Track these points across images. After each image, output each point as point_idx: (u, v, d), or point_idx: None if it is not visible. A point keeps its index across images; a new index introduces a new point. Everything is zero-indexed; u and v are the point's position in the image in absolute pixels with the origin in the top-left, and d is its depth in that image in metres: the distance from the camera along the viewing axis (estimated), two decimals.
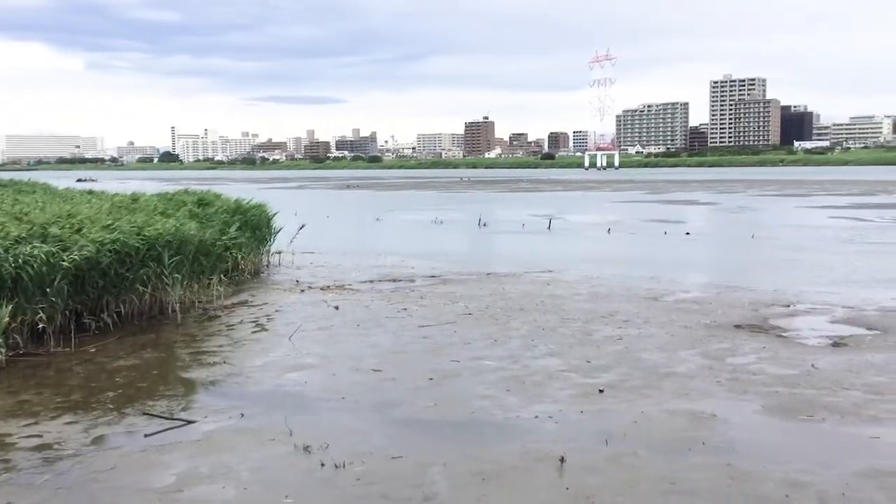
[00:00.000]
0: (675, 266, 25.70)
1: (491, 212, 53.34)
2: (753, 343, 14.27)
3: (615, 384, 11.80)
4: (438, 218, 47.11)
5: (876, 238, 33.08)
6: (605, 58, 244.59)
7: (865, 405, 10.63)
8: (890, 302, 18.04)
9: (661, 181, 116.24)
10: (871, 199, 62.53)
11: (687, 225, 41.36)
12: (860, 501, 7.68)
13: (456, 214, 52.26)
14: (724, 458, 8.84)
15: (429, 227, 42.92)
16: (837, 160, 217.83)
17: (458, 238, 37.17)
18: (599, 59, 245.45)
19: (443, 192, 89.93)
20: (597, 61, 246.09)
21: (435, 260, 27.03)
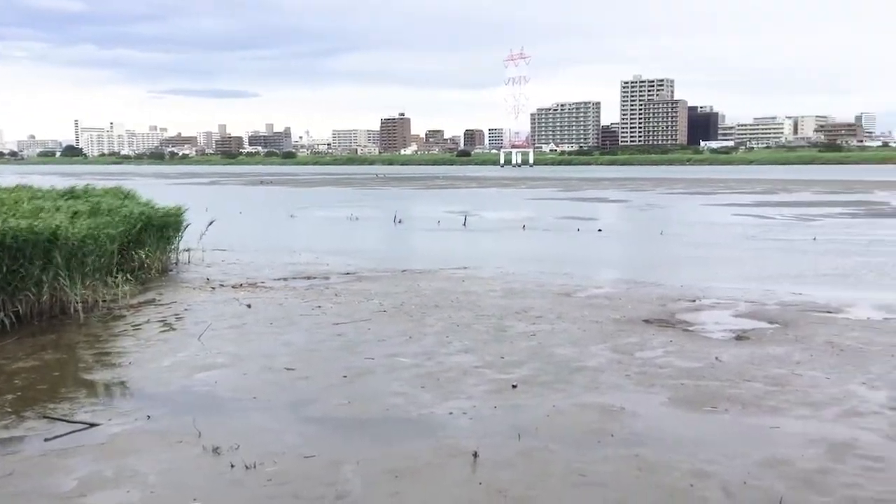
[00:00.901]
0: (588, 262, 26.19)
1: (407, 209, 53.32)
2: (661, 337, 14.64)
3: (528, 379, 11.94)
4: (354, 215, 46.82)
5: (777, 235, 34.43)
6: (520, 56, 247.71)
7: (766, 396, 11.04)
8: (790, 296, 18.78)
9: (575, 179, 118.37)
10: (773, 197, 65.05)
11: (599, 222, 42.22)
12: (761, 489, 7.97)
13: (371, 211, 52.03)
14: (632, 450, 9.04)
15: (344, 223, 42.61)
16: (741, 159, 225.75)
17: (373, 235, 37.02)
18: (514, 58, 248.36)
19: (358, 189, 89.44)
20: (511, 60, 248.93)
21: (350, 257, 26.85)
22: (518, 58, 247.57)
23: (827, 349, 13.59)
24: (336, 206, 57.17)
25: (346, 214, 47.22)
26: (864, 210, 48.46)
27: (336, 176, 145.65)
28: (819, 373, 12.14)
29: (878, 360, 12.81)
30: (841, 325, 15.47)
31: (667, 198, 67.22)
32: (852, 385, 11.49)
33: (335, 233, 37.73)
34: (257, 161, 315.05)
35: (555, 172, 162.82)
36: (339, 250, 29.15)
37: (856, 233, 34.49)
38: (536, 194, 75.25)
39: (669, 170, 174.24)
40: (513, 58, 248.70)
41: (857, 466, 8.52)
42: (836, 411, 10.36)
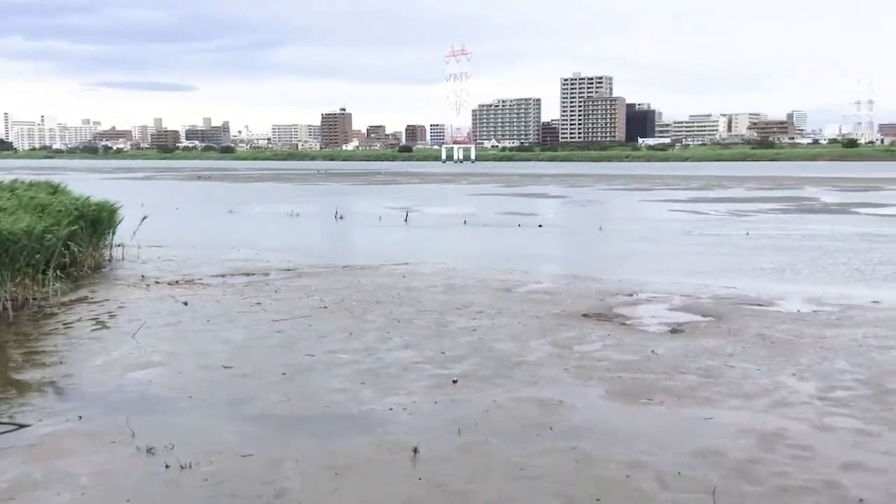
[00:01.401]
0: (528, 257, 26.40)
1: (348, 204, 53.02)
2: (599, 331, 14.85)
3: (468, 374, 11.99)
4: (294, 210, 46.37)
5: (712, 230, 35.19)
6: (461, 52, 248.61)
7: (700, 388, 11.28)
8: (723, 290, 19.22)
9: (516, 175, 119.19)
10: (708, 193, 66.45)
11: (539, 217, 42.58)
12: (694, 479, 8.14)
13: (312, 207, 51.61)
14: (570, 443, 9.15)
15: (284, 219, 42.18)
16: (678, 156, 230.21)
17: (314, 231, 36.73)
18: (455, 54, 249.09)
19: (299, 185, 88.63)
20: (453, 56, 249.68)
21: (290, 253, 26.59)
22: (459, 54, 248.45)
23: (758, 341, 13.94)
24: (276, 202, 56.56)
25: (287, 210, 46.75)
26: (794, 206, 49.84)
27: (276, 171, 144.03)
28: (750, 364, 12.45)
29: (807, 352, 13.19)
30: (772, 318, 15.88)
31: (606, 194, 68.15)
32: (782, 376, 11.81)
33: (275, 229, 37.33)
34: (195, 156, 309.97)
35: (496, 168, 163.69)
36: (279, 246, 28.85)
37: (787, 228, 35.46)
38: (478, 190, 75.55)
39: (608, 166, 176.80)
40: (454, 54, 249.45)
41: (786, 455, 8.77)
42: (767, 402, 10.64)
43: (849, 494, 7.76)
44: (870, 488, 7.88)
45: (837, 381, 11.53)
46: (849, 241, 29.70)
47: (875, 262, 24.32)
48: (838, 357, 12.85)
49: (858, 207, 47.58)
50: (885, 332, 14.54)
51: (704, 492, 7.81)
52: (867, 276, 21.65)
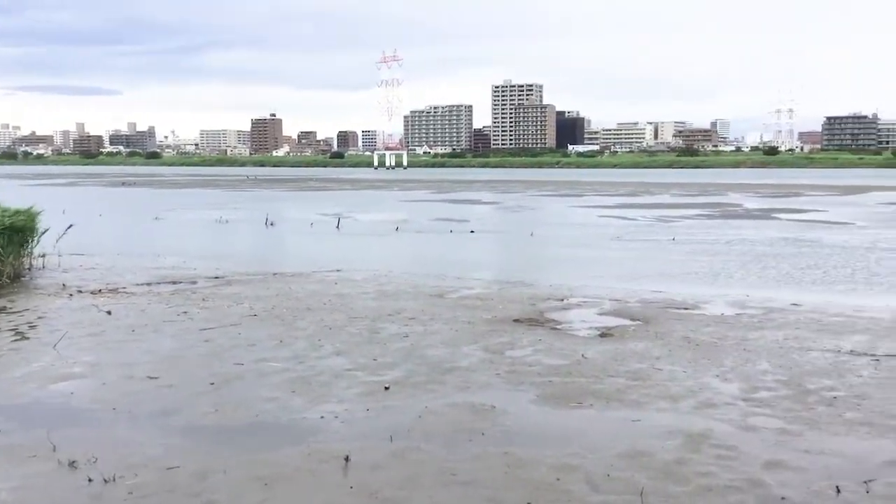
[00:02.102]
0: (460, 263, 26.50)
1: (279, 211, 52.40)
2: (530, 336, 14.97)
3: (401, 381, 11.95)
4: (223, 217, 45.61)
5: (640, 236, 35.89)
6: (393, 59, 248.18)
7: (628, 391, 11.46)
8: (651, 294, 19.60)
9: (448, 181, 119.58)
10: (636, 199, 67.79)
11: (471, 223, 42.80)
12: (623, 481, 8.26)
13: (242, 213, 50.87)
14: (501, 447, 9.20)
15: (213, 226, 41.45)
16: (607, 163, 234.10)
17: (244, 238, 36.19)
18: (387, 60, 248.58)
19: (228, 191, 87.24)
20: (384, 62, 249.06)
21: (219, 260, 26.14)
22: (391, 60, 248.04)
23: (684, 344, 14.25)
24: (204, 209, 55.56)
25: (216, 217, 45.96)
26: (719, 212, 51.18)
27: (204, 177, 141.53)
28: (677, 367, 12.72)
29: (731, 354, 13.54)
30: (697, 321, 16.26)
31: (537, 200, 68.90)
32: (707, 378, 12.10)
33: (203, 236, 36.65)
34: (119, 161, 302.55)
35: (428, 174, 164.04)
36: (207, 254, 28.34)
37: (712, 233, 36.39)
38: (410, 196, 75.57)
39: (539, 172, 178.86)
40: (385, 60, 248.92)
41: (711, 455, 8.97)
42: (693, 403, 10.88)
43: (771, 493, 7.98)
44: (791, 486, 8.11)
45: (760, 382, 11.85)
46: (771, 246, 30.63)
47: (795, 265, 25.13)
48: (761, 358, 13.22)
49: (779, 213, 49.14)
50: (805, 334, 15.02)
51: (633, 493, 7.93)
52: (788, 280, 22.35)
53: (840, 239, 33.01)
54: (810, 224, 41.07)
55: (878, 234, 35.25)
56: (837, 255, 27.68)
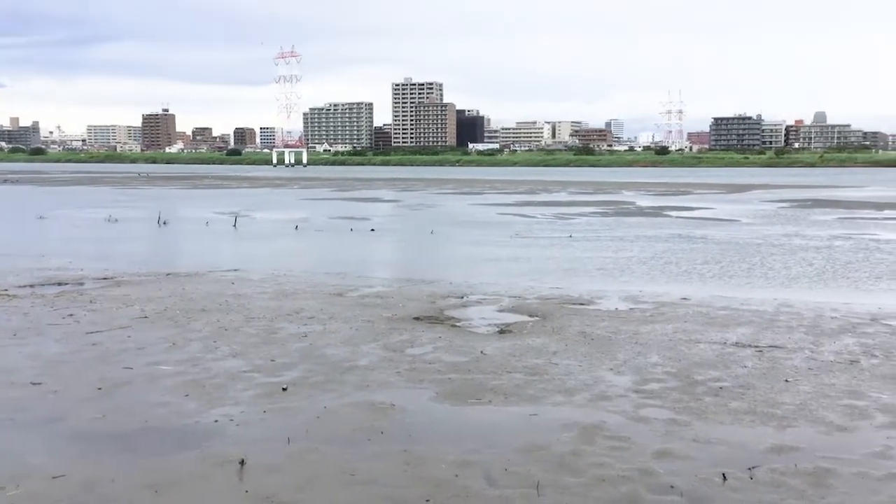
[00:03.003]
0: (361, 262, 26.35)
1: (172, 209, 50.91)
2: (430, 334, 15.02)
3: (299, 381, 11.78)
4: (113, 216, 43.96)
5: (539, 233, 36.50)
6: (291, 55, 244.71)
7: (526, 386, 11.64)
8: (549, 290, 19.96)
9: (349, 179, 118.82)
10: (535, 197, 68.92)
11: (372, 222, 42.64)
12: (520, 475, 8.38)
13: (133, 212, 49.16)
14: (401, 446, 9.19)
15: (102, 225, 39.91)
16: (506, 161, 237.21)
17: (135, 237, 34.97)
18: (285, 56, 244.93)
19: (118, 188, 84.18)
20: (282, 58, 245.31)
21: (108, 261, 25.19)
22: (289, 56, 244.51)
23: (580, 339, 14.57)
24: (93, 207, 53.44)
25: (105, 215, 44.27)
26: (613, 209, 52.57)
27: (93, 174, 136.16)
28: (573, 361, 12.99)
29: (624, 347, 13.92)
30: (592, 316, 16.65)
31: (438, 198, 69.21)
32: (601, 371, 12.40)
33: (91, 235, 35.23)
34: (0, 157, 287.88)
35: (329, 172, 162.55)
36: (95, 254, 27.27)
37: (607, 231, 37.35)
38: (310, 194, 74.70)
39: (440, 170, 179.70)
40: (283, 56, 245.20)
41: (605, 447, 9.20)
42: (588, 396, 11.13)
43: (661, 481, 8.24)
44: (680, 475, 8.40)
45: (651, 375, 12.23)
46: (662, 243, 31.66)
47: (685, 261, 26.05)
48: (652, 351, 13.64)
49: (670, 211, 50.85)
50: (692, 327, 15.59)
51: (529, 486, 8.05)
52: (678, 275, 23.15)
53: (726, 235, 34.42)
54: (699, 221, 42.66)
55: (761, 230, 36.93)
56: (724, 251, 28.84)
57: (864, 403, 10.78)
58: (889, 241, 31.76)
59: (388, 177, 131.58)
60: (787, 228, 37.58)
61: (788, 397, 11.04)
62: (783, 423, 10.03)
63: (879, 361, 12.98)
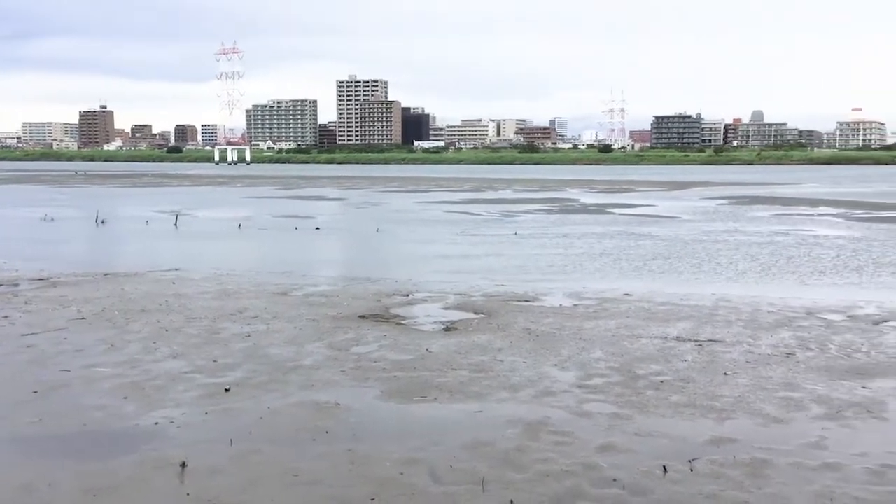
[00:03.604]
0: (305, 261, 26.14)
1: (111, 208, 49.82)
2: (376, 332, 14.97)
3: (242, 382, 11.64)
4: (49, 215, 42.83)
5: (484, 231, 36.65)
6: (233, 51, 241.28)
7: (471, 383, 11.68)
8: (494, 288, 20.05)
9: (293, 177, 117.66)
10: (480, 195, 69.18)
11: (317, 220, 42.30)
12: (465, 471, 8.41)
13: (70, 211, 47.98)
14: (346, 445, 9.14)
15: (38, 224, 38.87)
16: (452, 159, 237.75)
17: (72, 237, 34.14)
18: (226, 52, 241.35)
19: (55, 187, 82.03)
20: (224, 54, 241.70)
21: (44, 261, 24.54)
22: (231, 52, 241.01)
23: (525, 335, 14.67)
24: (28, 206, 51.99)
25: (41, 214, 43.10)
26: (558, 206, 53.07)
27: (28, 172, 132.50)
28: (518, 358, 13.08)
29: (568, 343, 14.07)
30: (537, 313, 16.79)
31: (383, 196, 69.01)
32: (546, 367, 12.51)
33: (27, 235, 34.29)
34: None
35: (273, 170, 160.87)
36: (30, 254, 26.56)
37: (551, 228, 37.69)
38: (254, 192, 73.81)
39: (386, 168, 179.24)
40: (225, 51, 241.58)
41: (549, 442, 9.28)
42: (532, 392, 11.22)
43: (604, 475, 8.35)
44: (622, 468, 8.52)
45: (594, 370, 12.38)
46: (605, 239, 32.07)
47: (627, 258, 26.42)
48: (595, 347, 13.81)
49: (613, 208, 51.53)
50: (635, 322, 15.82)
51: (474, 483, 8.09)
52: (621, 271, 23.46)
53: (668, 232, 35.02)
54: (642, 218, 43.32)
55: (701, 226, 37.66)
56: (666, 247, 29.34)
57: (799, 395, 11.07)
58: (824, 236, 32.68)
59: (333, 175, 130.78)
60: (728, 225, 38.40)
61: (727, 390, 11.28)
62: (722, 415, 10.24)
63: (814, 354, 13.34)
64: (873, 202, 55.38)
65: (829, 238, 32.07)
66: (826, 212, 47.07)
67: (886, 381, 11.75)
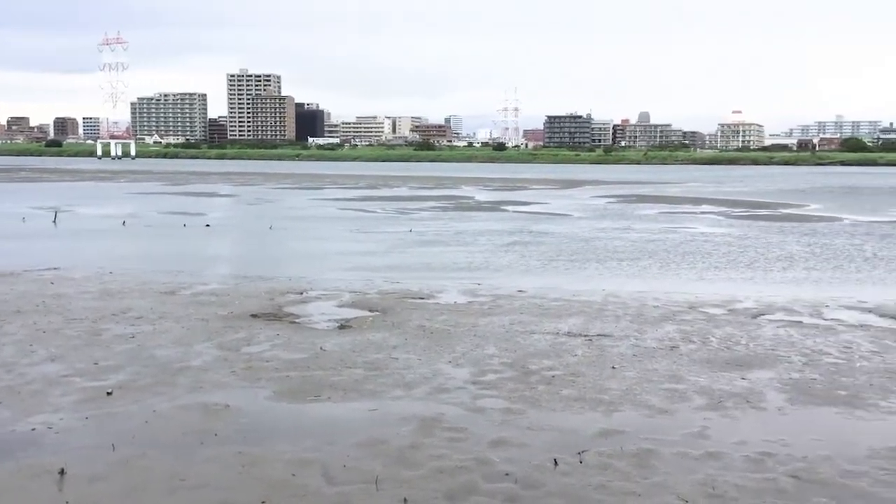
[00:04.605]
0: (195, 259, 25.41)
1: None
2: (268, 331, 14.68)
3: (126, 385, 11.20)
4: None
5: (380, 228, 36.52)
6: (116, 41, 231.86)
7: (366, 381, 11.59)
8: (389, 285, 19.98)
9: (182, 172, 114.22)
10: (376, 192, 68.95)
11: (207, 217, 41.21)
12: (359, 470, 8.33)
13: None
14: (236, 447, 8.91)
15: None
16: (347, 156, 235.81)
17: None
18: (109, 42, 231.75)
19: None
20: (107, 44, 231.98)
21: None
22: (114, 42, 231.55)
23: (420, 332, 14.68)
24: None
25: None
26: (453, 204, 53.42)
27: None
28: (412, 355, 13.07)
29: (463, 340, 14.15)
30: (432, 310, 16.82)
31: (277, 192, 67.85)
32: (440, 364, 12.55)
33: None
34: None
35: (160, 165, 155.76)
36: None
37: (447, 225, 37.89)
38: (140, 188, 71.30)
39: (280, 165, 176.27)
40: (108, 42, 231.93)
41: (443, 438, 9.30)
42: (427, 389, 11.23)
43: (497, 469, 8.43)
44: (515, 462, 8.62)
45: (488, 366, 12.50)
46: (499, 236, 32.48)
47: (521, 254, 26.84)
48: (489, 343, 13.95)
49: (508, 205, 52.26)
50: (528, 318, 16.07)
51: (368, 481, 8.02)
52: (514, 268, 23.80)
53: (561, 229, 35.76)
54: (535, 216, 44.09)
55: (592, 224, 38.64)
56: (557, 244, 29.94)
57: (683, 387, 11.47)
58: (707, 234, 34.06)
59: (224, 171, 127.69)
60: (617, 223, 39.52)
61: (615, 383, 11.59)
62: (610, 408, 10.51)
63: (697, 346, 13.87)
64: (751, 201, 58.15)
65: (711, 235, 33.45)
66: (708, 210, 49.07)
67: (763, 371, 12.33)
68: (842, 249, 28.63)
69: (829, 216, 44.27)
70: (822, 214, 45.63)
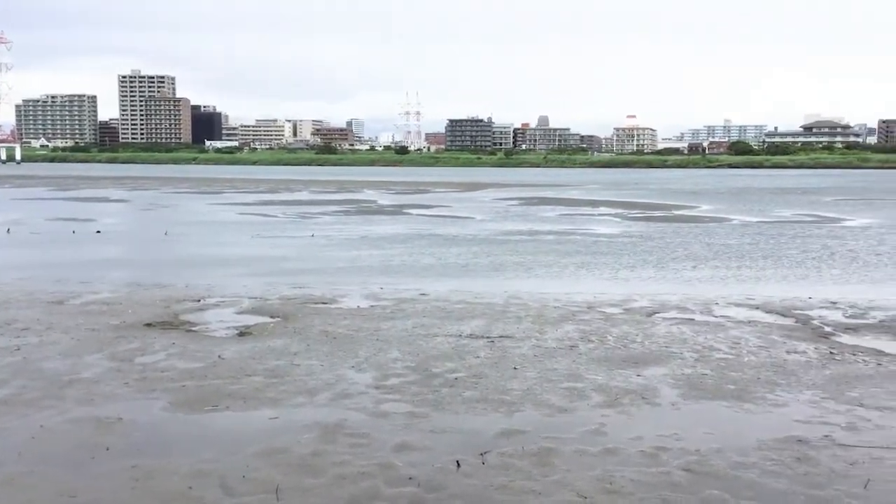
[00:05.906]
0: (85, 267, 24.43)
1: None
2: (164, 340, 14.24)
3: (10, 399, 10.66)
4: None
5: (280, 233, 35.97)
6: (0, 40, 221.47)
7: (266, 389, 11.37)
8: (290, 290, 19.68)
9: (70, 177, 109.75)
10: (277, 196, 67.87)
11: (98, 223, 39.74)
12: (258, 480, 8.15)
13: None
14: (129, 461, 8.59)
15: None
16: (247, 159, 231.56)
17: None
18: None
19: None
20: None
21: None
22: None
23: (322, 338, 14.52)
24: None
25: None
26: (355, 208, 53.14)
27: None
28: (315, 361, 12.91)
29: (366, 345, 14.07)
30: (335, 315, 16.67)
31: (172, 197, 66.02)
32: (343, 370, 12.44)
33: None
34: None
35: (47, 170, 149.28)
36: None
37: (348, 229, 37.65)
38: (25, 194, 68.15)
39: (175, 168, 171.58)
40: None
41: (346, 445, 9.21)
42: (329, 395, 11.11)
43: (400, 474, 8.40)
44: (418, 466, 8.62)
45: (391, 370, 12.46)
46: (402, 240, 32.48)
47: (423, 257, 26.91)
48: (392, 347, 13.91)
49: (410, 209, 52.33)
50: (430, 321, 16.10)
51: (268, 491, 7.87)
52: (416, 271, 23.84)
53: (464, 232, 36.04)
54: (438, 219, 44.30)
55: (494, 226, 39.09)
56: (461, 246, 30.16)
57: (581, 385, 11.71)
58: (604, 234, 34.94)
59: (116, 175, 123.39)
60: (520, 225, 40.11)
61: (516, 384, 11.73)
62: (511, 408, 10.63)
63: (595, 345, 14.19)
64: (646, 202, 60.01)
65: (607, 236, 34.34)
66: (605, 212, 50.39)
67: (658, 368, 12.71)
68: (731, 248, 29.87)
69: (719, 216, 46.14)
70: (713, 215, 47.52)
